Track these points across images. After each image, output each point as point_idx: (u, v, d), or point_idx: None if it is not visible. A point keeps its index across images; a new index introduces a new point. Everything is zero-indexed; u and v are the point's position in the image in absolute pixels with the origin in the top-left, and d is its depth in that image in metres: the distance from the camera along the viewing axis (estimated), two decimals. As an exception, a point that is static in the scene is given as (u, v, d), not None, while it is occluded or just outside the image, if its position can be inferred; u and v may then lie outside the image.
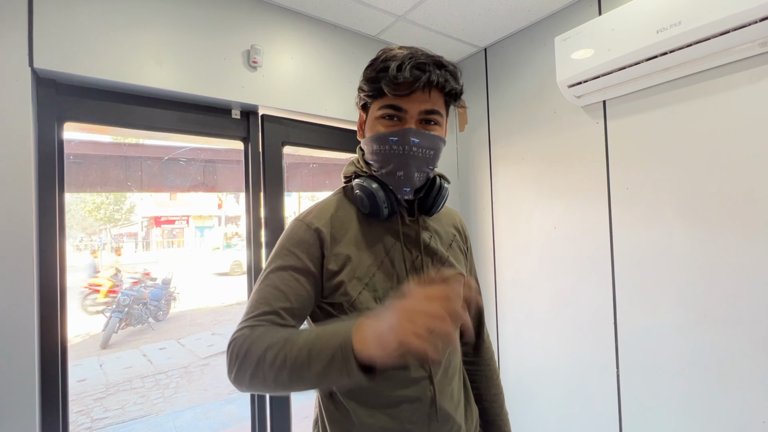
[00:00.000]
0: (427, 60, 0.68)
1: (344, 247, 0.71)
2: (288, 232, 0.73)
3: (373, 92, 0.71)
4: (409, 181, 0.72)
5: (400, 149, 0.69)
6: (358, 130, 0.79)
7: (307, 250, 0.70)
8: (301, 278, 0.68)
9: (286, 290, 0.67)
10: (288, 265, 0.69)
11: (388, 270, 0.72)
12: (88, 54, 1.20)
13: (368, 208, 0.72)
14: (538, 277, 1.79)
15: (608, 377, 1.53)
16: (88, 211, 15.21)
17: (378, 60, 0.71)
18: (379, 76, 0.68)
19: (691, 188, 1.32)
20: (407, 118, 0.69)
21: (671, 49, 1.21)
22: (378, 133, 0.71)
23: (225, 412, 3.45)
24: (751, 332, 1.19)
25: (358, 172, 0.77)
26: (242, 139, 1.59)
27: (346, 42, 1.78)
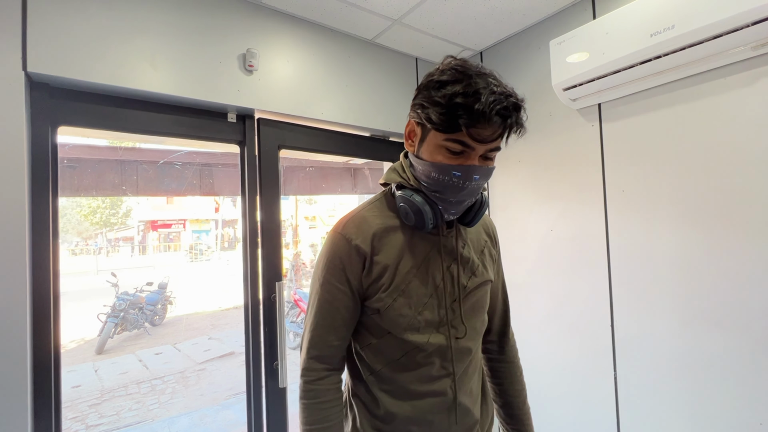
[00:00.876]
0: (509, 104, 0.64)
1: (383, 256, 0.75)
2: (330, 245, 0.77)
3: (443, 124, 0.66)
4: (459, 207, 0.75)
5: (459, 183, 0.69)
6: (406, 139, 0.78)
7: (349, 264, 0.75)
8: (347, 290, 0.76)
9: (339, 305, 0.76)
10: (335, 278, 0.76)
11: (424, 278, 0.77)
12: (83, 58, 1.20)
13: (412, 222, 0.74)
14: (535, 279, 1.79)
15: (606, 379, 1.52)
16: (83, 215, 15.13)
17: (452, 86, 0.65)
18: (456, 110, 0.64)
19: (686, 190, 1.32)
20: (472, 155, 0.68)
21: (665, 53, 1.22)
22: (440, 164, 0.69)
23: (222, 417, 3.42)
24: (747, 334, 1.19)
25: (404, 183, 0.78)
26: (238, 143, 1.58)
27: (342, 46, 1.78)
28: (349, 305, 0.77)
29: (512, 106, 0.65)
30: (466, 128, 0.64)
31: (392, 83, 1.94)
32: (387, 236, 0.76)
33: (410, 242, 0.77)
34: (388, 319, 0.75)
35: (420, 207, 0.72)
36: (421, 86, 0.72)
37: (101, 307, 5.86)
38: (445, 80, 0.66)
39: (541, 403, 1.77)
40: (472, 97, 0.63)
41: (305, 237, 15.70)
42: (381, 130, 1.89)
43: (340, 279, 0.76)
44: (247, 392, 1.54)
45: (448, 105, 0.64)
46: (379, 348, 0.78)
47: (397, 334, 0.75)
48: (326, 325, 0.77)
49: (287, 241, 9.53)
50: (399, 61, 1.98)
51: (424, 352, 0.76)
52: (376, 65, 1.89)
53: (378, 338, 0.78)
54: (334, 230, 0.78)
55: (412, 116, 0.74)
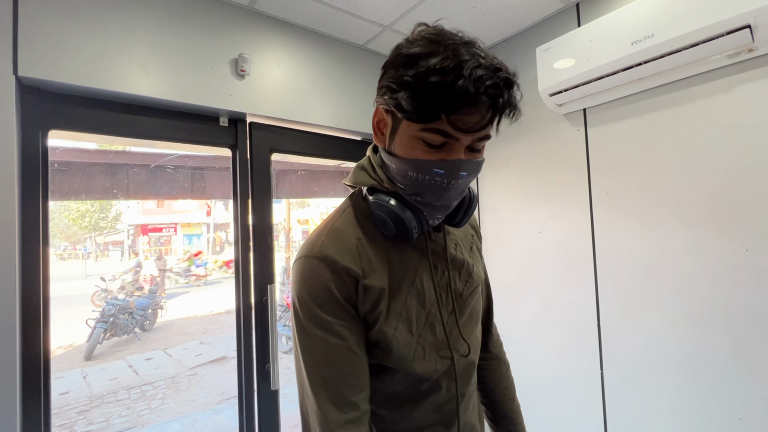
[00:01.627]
0: (499, 80, 0.51)
1: (373, 276, 0.60)
2: (308, 275, 0.59)
3: (416, 112, 0.52)
4: (445, 209, 0.62)
5: (443, 182, 0.56)
6: (375, 132, 0.62)
7: (341, 291, 0.58)
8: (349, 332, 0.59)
9: (342, 360, 0.58)
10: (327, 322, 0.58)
11: (420, 294, 0.64)
12: (74, 62, 1.20)
13: (392, 232, 0.61)
14: (523, 281, 1.82)
15: (593, 378, 1.56)
16: (72, 219, 14.90)
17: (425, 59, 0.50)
18: (432, 92, 0.50)
19: (668, 193, 1.36)
20: (456, 147, 0.54)
21: (645, 60, 1.26)
22: (417, 160, 0.56)
23: (213, 422, 3.39)
24: (728, 333, 1.23)
25: (377, 186, 0.63)
26: (230, 147, 1.59)
27: (333, 51, 1.81)
28: (359, 343, 0.60)
29: (503, 82, 0.51)
30: (446, 115, 0.50)
31: (383, 88, 1.96)
32: (371, 250, 0.62)
33: (396, 253, 0.64)
34: (391, 353, 0.61)
35: (400, 214, 0.59)
36: (387, 63, 0.57)
37: (90, 312, 5.78)
38: (417, 53, 0.52)
39: (529, 402, 1.79)
40: (452, 73, 0.49)
41: (298, 240, 15.61)
42: (371, 134, 1.91)
43: (337, 313, 0.58)
44: (239, 395, 1.55)
45: (422, 85, 0.50)
46: (375, 386, 0.63)
47: (400, 367, 0.62)
48: (336, 381, 0.57)
49: (280, 244, 9.48)
50: (390, 66, 2.01)
51: (429, 381, 0.65)
52: (367, 70, 1.92)
53: (381, 379, 0.63)
54: (307, 255, 0.60)
55: (379, 102, 0.59)
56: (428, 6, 1.58)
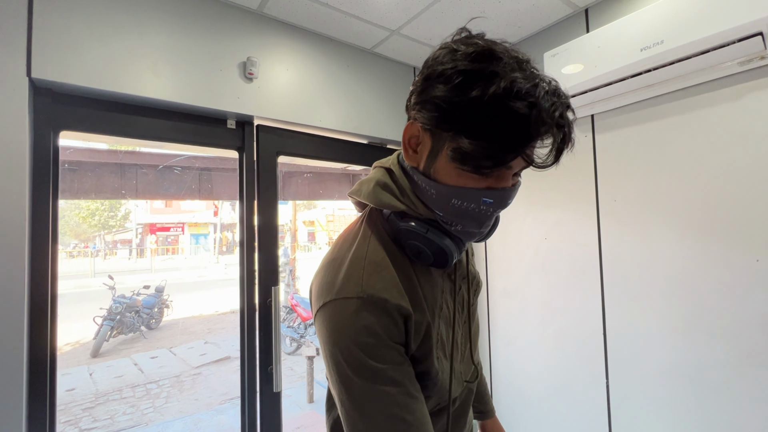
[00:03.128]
0: (564, 108, 0.46)
1: (419, 311, 0.55)
2: (353, 320, 0.50)
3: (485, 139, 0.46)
4: (483, 237, 0.58)
5: (488, 211, 0.52)
6: (406, 149, 0.55)
7: (393, 337, 0.51)
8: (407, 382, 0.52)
9: (407, 415, 0.50)
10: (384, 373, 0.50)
11: (446, 316, 0.61)
12: (86, 64, 1.22)
13: (429, 261, 0.56)
14: (528, 287, 1.81)
15: (598, 387, 1.54)
16: (82, 218, 15.13)
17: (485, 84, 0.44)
18: (503, 122, 0.44)
19: (677, 200, 1.35)
20: (507, 174, 0.51)
21: (654, 67, 1.25)
22: (465, 189, 0.50)
23: (216, 422, 3.40)
24: (735, 344, 1.21)
25: (408, 212, 0.56)
26: (237, 149, 1.61)
27: (341, 55, 1.82)
28: (415, 384, 0.53)
29: (566, 107, 0.47)
30: (522, 149, 0.45)
31: (390, 92, 1.97)
32: (405, 280, 0.56)
33: (423, 277, 0.59)
34: (436, 385, 0.57)
35: (441, 246, 0.54)
36: (428, 75, 0.49)
37: (97, 309, 5.85)
38: (471, 71, 0.45)
39: (532, 410, 1.78)
40: (524, 100, 0.43)
41: (304, 241, 15.65)
42: (378, 137, 1.92)
43: (389, 357, 0.50)
44: (242, 396, 1.55)
45: (488, 113, 0.43)
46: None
47: (439, 394, 0.59)
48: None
49: (285, 246, 9.53)
50: (397, 70, 2.01)
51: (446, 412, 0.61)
52: (374, 74, 1.92)
53: None
54: (346, 296, 0.51)
55: (417, 118, 0.52)
56: (436, 11, 1.59)
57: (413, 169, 0.56)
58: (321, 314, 0.53)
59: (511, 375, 1.87)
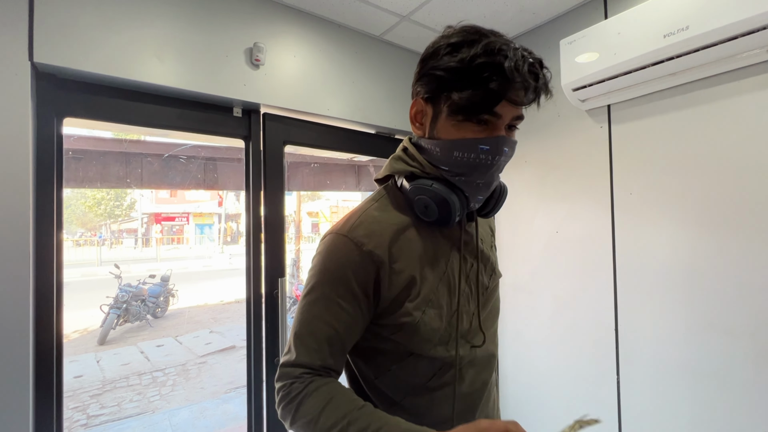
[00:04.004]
0: (535, 60, 0.58)
1: (405, 264, 0.63)
2: (332, 250, 0.62)
3: (471, 87, 0.56)
4: (487, 190, 0.65)
5: (488, 159, 0.60)
6: (413, 122, 0.66)
7: (356, 274, 0.61)
8: (350, 308, 0.61)
9: (336, 324, 0.61)
10: (335, 291, 0.61)
11: (450, 283, 0.66)
12: (89, 49, 1.19)
13: (434, 216, 0.62)
14: (539, 281, 1.78)
15: (608, 383, 1.51)
16: (87, 207, 15.23)
17: (468, 47, 0.56)
18: (482, 72, 0.55)
19: (695, 194, 1.30)
20: (499, 124, 0.59)
21: (678, 54, 1.20)
22: (463, 140, 0.59)
23: (222, 410, 3.43)
24: (754, 341, 1.18)
25: (417, 172, 0.65)
26: (243, 138, 1.58)
27: (349, 41, 1.77)
28: (352, 328, 0.62)
29: (538, 63, 0.58)
30: (501, 91, 0.55)
31: (399, 80, 1.92)
32: (405, 238, 0.64)
33: (430, 242, 0.66)
34: (417, 336, 0.63)
35: (445, 197, 0.60)
36: (425, 56, 0.61)
37: (104, 298, 5.90)
38: (458, 42, 0.57)
39: (540, 404, 1.76)
40: (498, 54, 0.54)
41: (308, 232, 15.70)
42: (387, 127, 1.88)
43: (344, 295, 0.61)
44: (248, 387, 1.55)
45: (472, 68, 0.54)
46: (400, 374, 0.65)
47: (425, 352, 0.63)
48: (320, 338, 0.61)
49: (290, 237, 9.55)
50: (407, 58, 1.96)
51: (452, 370, 0.65)
52: (383, 62, 1.88)
53: (399, 362, 0.65)
54: (337, 232, 0.63)
55: (419, 92, 0.63)
56: (448, -4, 1.53)
57: (420, 138, 0.66)
58: (320, 243, 0.66)
59: (519, 370, 1.85)
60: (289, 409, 0.59)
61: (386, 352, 0.65)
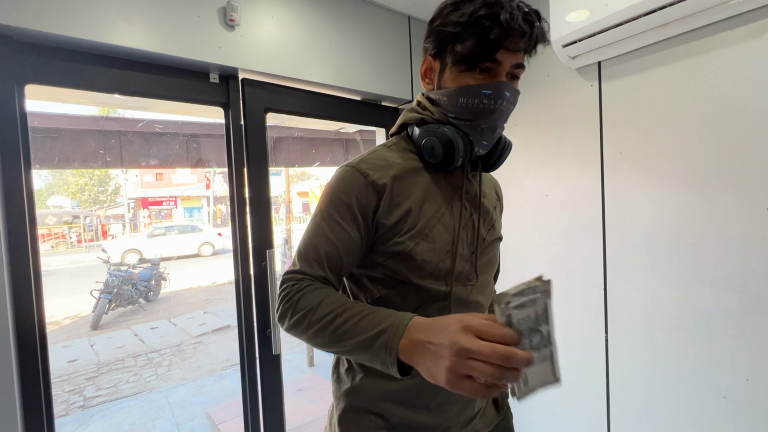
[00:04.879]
0: (530, 11, 0.63)
1: (405, 197, 0.68)
2: (340, 179, 0.69)
3: (472, 38, 0.63)
4: (491, 135, 0.70)
5: (491, 103, 0.65)
6: (423, 78, 0.74)
7: (359, 200, 0.67)
8: (351, 230, 0.67)
9: (337, 242, 0.66)
10: (339, 213, 0.67)
11: (447, 223, 0.71)
12: (50, 9, 1.10)
13: (439, 157, 0.68)
14: (529, 244, 1.78)
15: (597, 342, 1.54)
16: (71, 193, 14.86)
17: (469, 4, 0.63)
18: (483, 23, 0.61)
19: (686, 150, 1.29)
20: (500, 71, 0.64)
21: (670, 2, 1.15)
22: (467, 86, 0.65)
23: (219, 387, 3.47)
24: (739, 293, 1.19)
25: (427, 118, 0.72)
26: (222, 105, 1.51)
27: (329, 2, 1.68)
28: (352, 249, 0.67)
29: (535, 14, 0.63)
30: (497, 38, 0.61)
31: (384, 44, 1.84)
32: (409, 177, 0.70)
33: (433, 184, 0.71)
34: (408, 264, 0.68)
35: (450, 137, 0.66)
36: (433, 18, 0.69)
37: (94, 283, 5.83)
38: (461, 0, 0.64)
39: (533, 366, 1.80)
40: (495, 6, 0.61)
41: (299, 212, 15.60)
42: (373, 93, 1.81)
43: (346, 217, 0.66)
44: (241, 361, 1.54)
45: (473, 21, 0.61)
46: (389, 300, 0.70)
47: (415, 280, 0.68)
48: (318, 252, 0.67)
49: (281, 217, 9.48)
50: (391, 19, 1.88)
51: (442, 302, 0.70)
52: (366, 24, 1.79)
53: (389, 288, 0.70)
54: (347, 165, 0.70)
55: (428, 49, 0.71)
56: (433, -53, 1.45)
57: (430, 91, 0.73)
58: (332, 175, 0.72)
59: (510, 333, 1.88)
60: (288, 306, 0.64)
61: (379, 279, 0.70)
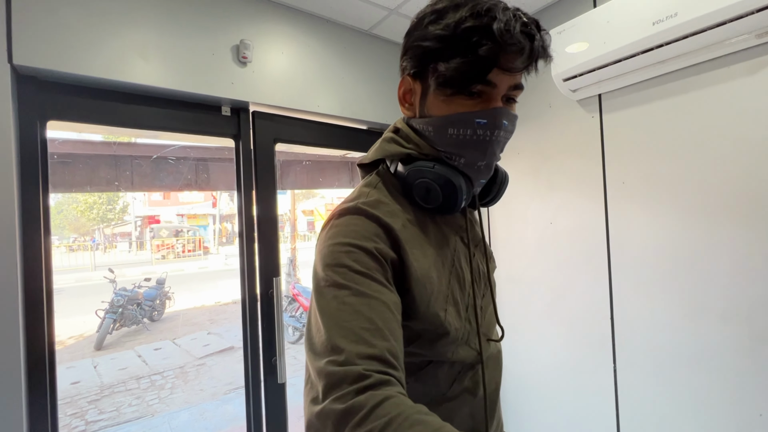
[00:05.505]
0: (529, 20, 0.50)
1: (416, 255, 0.53)
2: (346, 226, 0.51)
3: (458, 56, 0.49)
4: (488, 171, 0.57)
5: (486, 134, 0.52)
6: (402, 103, 0.60)
7: (379, 245, 0.49)
8: (389, 291, 0.48)
9: (376, 318, 0.44)
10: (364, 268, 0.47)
11: (459, 276, 0.59)
12: (71, 50, 1.16)
13: (438, 202, 0.54)
14: (534, 272, 1.78)
15: (605, 372, 1.52)
16: (80, 211, 15.06)
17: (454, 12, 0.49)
18: (471, 37, 0.48)
19: (688, 182, 1.31)
20: (494, 94, 0.52)
21: (667, 41, 1.20)
22: (457, 114, 0.52)
23: (222, 412, 3.42)
24: (749, 326, 1.19)
25: (414, 153, 0.57)
26: (233, 137, 1.56)
27: (337, 37, 1.75)
28: (397, 305, 0.48)
29: (534, 24, 0.51)
30: (491, 55, 0.48)
31: (390, 75, 1.90)
32: (409, 227, 0.55)
33: (434, 231, 0.58)
34: (440, 340, 0.54)
35: (451, 179, 0.53)
36: (410, 29, 0.56)
37: (99, 303, 5.85)
38: (443, 8, 0.51)
39: (540, 395, 1.77)
40: (486, 15, 0.47)
41: (304, 231, 15.62)
42: (378, 123, 1.86)
43: (373, 270, 0.48)
44: (246, 388, 1.54)
45: (458, 34, 0.48)
46: (416, 389, 0.54)
47: (447, 357, 0.55)
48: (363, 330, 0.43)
49: (285, 235, 9.51)
50: (396, 52, 1.94)
51: (473, 370, 0.58)
52: (373, 56, 1.86)
53: (414, 374, 0.54)
54: (344, 209, 0.53)
55: (405, 68, 0.57)
56: (436, -13, 1.52)
57: (411, 119, 0.60)
58: (319, 236, 0.55)
59: (515, 361, 1.86)
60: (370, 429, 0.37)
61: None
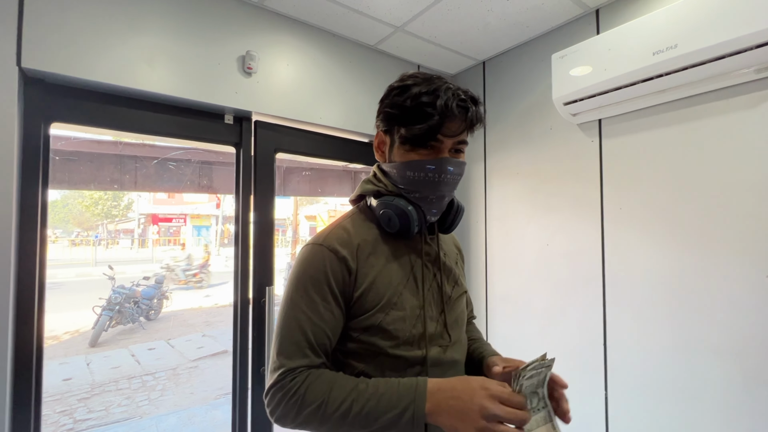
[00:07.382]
0: (466, 98, 0.69)
1: (370, 269, 0.72)
2: (310, 258, 0.71)
3: (412, 123, 0.69)
4: (439, 204, 0.75)
5: (435, 177, 0.71)
6: (376, 151, 0.79)
7: (334, 276, 0.69)
8: (331, 308, 0.69)
9: (320, 323, 0.68)
10: (318, 293, 0.68)
11: (413, 288, 0.74)
12: (79, 55, 1.19)
13: (396, 227, 0.72)
14: (528, 293, 1.77)
15: (596, 399, 1.50)
16: (85, 206, 15.19)
17: (415, 88, 0.69)
18: (424, 110, 0.67)
19: (684, 212, 1.30)
20: (442, 148, 0.71)
21: (667, 72, 1.21)
22: (412, 161, 0.71)
23: (210, 417, 3.39)
24: (741, 362, 1.17)
25: (382, 191, 0.77)
26: (234, 145, 1.57)
27: (343, 51, 1.77)
28: (335, 327, 0.69)
29: (470, 100, 0.69)
30: (434, 123, 0.67)
31: (393, 90, 1.92)
32: (371, 248, 0.73)
33: (394, 252, 0.75)
34: (382, 336, 0.69)
35: (404, 209, 0.71)
36: (382, 97, 0.76)
37: (97, 299, 5.85)
38: (407, 84, 0.70)
39: (530, 420, 1.74)
40: (433, 94, 0.67)
41: (305, 235, 15.63)
42: (380, 136, 1.88)
43: (326, 296, 0.69)
44: (233, 396, 1.53)
45: (414, 106, 0.68)
46: (368, 374, 0.70)
47: (392, 350, 0.70)
48: (307, 337, 0.67)
49: (287, 239, 9.52)
50: (401, 67, 1.97)
51: (419, 367, 0.72)
52: (377, 71, 1.88)
53: (367, 362, 0.71)
54: (314, 243, 0.73)
55: (379, 126, 0.77)
56: (442, 7, 1.54)
57: (382, 163, 0.79)
58: (298, 253, 0.75)
59: (507, 382, 1.83)
60: (293, 403, 0.63)
61: (354, 353, 0.71)
